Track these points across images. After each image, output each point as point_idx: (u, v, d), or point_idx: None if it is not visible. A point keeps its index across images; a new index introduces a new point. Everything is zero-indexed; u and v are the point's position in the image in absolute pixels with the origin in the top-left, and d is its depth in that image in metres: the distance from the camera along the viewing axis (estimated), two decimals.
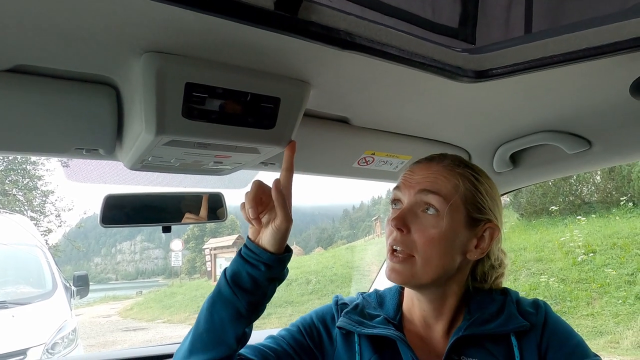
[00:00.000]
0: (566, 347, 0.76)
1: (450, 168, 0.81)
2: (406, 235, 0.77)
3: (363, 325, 0.82)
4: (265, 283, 0.74)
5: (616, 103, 0.89)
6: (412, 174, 0.83)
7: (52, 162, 17.09)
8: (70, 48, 0.61)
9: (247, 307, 0.72)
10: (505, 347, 0.77)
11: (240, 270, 0.74)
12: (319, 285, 13.33)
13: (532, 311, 0.81)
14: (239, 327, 0.73)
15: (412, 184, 0.81)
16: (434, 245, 0.76)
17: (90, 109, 0.77)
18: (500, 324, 0.78)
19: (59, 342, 4.24)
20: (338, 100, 0.87)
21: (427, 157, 0.86)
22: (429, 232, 0.76)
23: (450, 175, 0.80)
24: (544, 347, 0.77)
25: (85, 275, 5.47)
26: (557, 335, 0.78)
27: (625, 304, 7.27)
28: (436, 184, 0.79)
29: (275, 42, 0.61)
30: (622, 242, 8.83)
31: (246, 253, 0.75)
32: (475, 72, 0.64)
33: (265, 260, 0.73)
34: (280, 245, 0.75)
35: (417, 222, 0.77)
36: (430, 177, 0.80)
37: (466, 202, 0.79)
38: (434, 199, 0.77)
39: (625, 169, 10.68)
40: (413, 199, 0.79)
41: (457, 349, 0.77)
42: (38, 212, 16.74)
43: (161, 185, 1.33)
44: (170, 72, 0.63)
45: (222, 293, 0.73)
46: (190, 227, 50.03)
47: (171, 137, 0.70)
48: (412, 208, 0.79)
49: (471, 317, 0.80)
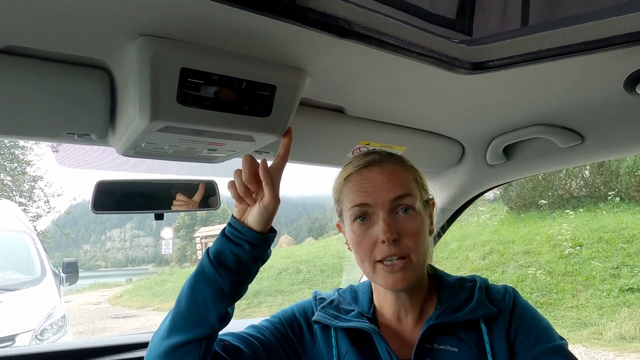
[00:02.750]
0: (534, 332, 0.78)
1: (402, 164, 0.84)
2: (398, 242, 0.77)
3: (338, 319, 0.84)
4: (249, 262, 0.74)
5: (610, 98, 0.90)
6: (370, 182, 0.80)
7: (41, 146, 16.85)
8: (63, 30, 0.59)
9: (230, 285, 0.73)
10: (475, 333, 0.79)
11: (224, 249, 0.74)
12: (309, 275, 13.39)
13: (500, 298, 0.83)
14: (221, 306, 0.73)
15: (379, 194, 0.78)
16: (420, 240, 0.79)
17: (83, 92, 0.75)
18: (470, 311, 0.79)
19: (48, 329, 4.22)
20: (334, 90, 0.87)
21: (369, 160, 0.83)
22: (415, 231, 0.78)
23: (406, 171, 0.83)
24: (512, 332, 0.79)
25: (74, 262, 5.43)
26: (524, 320, 0.80)
27: (609, 296, 7.42)
28: (404, 185, 0.80)
29: (273, 28, 0.60)
30: (608, 236, 8.99)
31: (230, 232, 0.75)
32: (471, 63, 0.64)
33: (250, 239, 0.74)
34: (266, 224, 0.76)
35: (402, 227, 0.78)
36: (394, 180, 0.80)
37: (419, 189, 0.83)
38: (409, 199, 0.79)
39: (613, 164, 10.83)
40: (389, 206, 0.78)
41: (429, 338, 0.79)
42: (26, 198, 16.55)
43: (153, 172, 1.32)
44: (166, 57, 0.62)
45: (205, 272, 0.74)
46: (181, 215, 49.79)
47: (165, 123, 0.69)
48: (391, 214, 0.79)
49: (442, 306, 0.81)
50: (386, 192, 0.79)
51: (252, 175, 0.76)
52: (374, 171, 0.81)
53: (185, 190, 1.25)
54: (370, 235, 0.79)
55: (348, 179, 0.83)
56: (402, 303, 0.84)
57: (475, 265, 9.91)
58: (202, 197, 1.26)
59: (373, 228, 0.79)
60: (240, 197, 0.76)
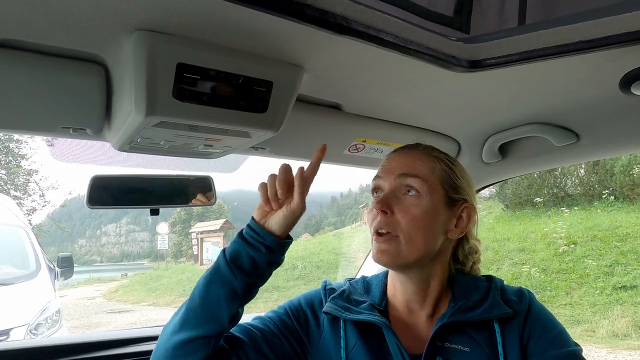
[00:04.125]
0: (547, 336, 0.78)
1: (426, 152, 0.85)
2: (390, 217, 0.79)
3: (349, 310, 0.83)
4: (264, 265, 0.75)
5: (606, 97, 0.90)
6: (389, 162, 0.85)
7: (36, 140, 16.74)
8: (59, 23, 0.59)
9: (244, 287, 0.73)
10: (488, 333, 0.78)
11: (240, 251, 0.75)
12: (305, 271, 13.42)
13: (515, 299, 0.82)
14: (233, 306, 0.74)
15: (390, 170, 0.83)
16: (417, 224, 0.78)
17: (78, 87, 0.75)
18: (484, 311, 0.79)
19: (43, 323, 4.21)
20: (331, 86, 0.87)
21: (399, 147, 0.89)
22: (411, 212, 0.79)
23: (426, 158, 0.84)
24: (526, 334, 0.78)
25: (69, 257, 5.41)
26: (539, 323, 0.79)
27: (602, 294, 7.49)
28: (414, 167, 0.82)
29: (270, 24, 0.60)
30: (603, 234, 9.05)
31: (248, 234, 0.76)
32: (469, 61, 0.64)
33: (268, 242, 0.75)
34: (287, 229, 0.77)
35: (400, 204, 0.80)
36: (408, 161, 0.83)
37: (443, 183, 0.82)
38: (413, 180, 0.80)
39: (608, 163, 10.89)
40: (393, 183, 0.81)
41: (441, 336, 0.78)
42: (21, 191, 16.45)
43: (149, 167, 1.32)
44: (162, 51, 0.62)
45: (220, 272, 0.74)
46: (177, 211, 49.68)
47: (161, 118, 0.69)
48: (394, 191, 0.81)
49: (456, 304, 0.81)
50: (395, 169, 0.82)
51: (286, 181, 0.76)
52: (398, 155, 0.86)
53: (181, 185, 1.25)
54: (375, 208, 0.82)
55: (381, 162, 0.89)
56: (410, 293, 0.84)
57: None
58: (198, 192, 1.26)
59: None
60: (268, 200, 0.77)
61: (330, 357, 0.82)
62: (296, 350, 0.84)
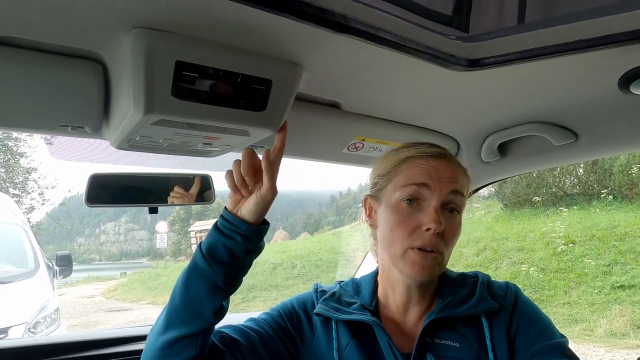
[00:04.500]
0: (534, 329, 0.79)
1: (461, 168, 0.83)
2: (440, 237, 0.77)
3: (340, 311, 0.84)
4: (242, 255, 0.75)
5: (604, 96, 0.91)
6: (435, 170, 0.79)
7: (35, 138, 16.71)
8: (57, 21, 0.59)
9: (224, 279, 0.73)
10: (476, 328, 0.79)
11: (216, 242, 0.74)
12: (304, 270, 13.42)
13: (502, 294, 0.83)
14: (216, 300, 0.73)
15: (443, 181, 0.78)
16: (454, 242, 0.80)
17: (77, 84, 0.75)
18: (472, 306, 0.80)
19: (41, 322, 4.21)
20: (330, 85, 0.87)
21: (438, 151, 0.83)
22: (454, 232, 0.79)
23: (464, 175, 0.83)
24: (513, 328, 0.79)
25: (68, 255, 5.41)
26: (525, 317, 0.80)
27: (600, 293, 7.50)
28: (462, 186, 0.80)
29: (269, 22, 0.60)
30: (601, 233, 9.06)
31: (222, 224, 0.76)
32: (468, 60, 0.64)
33: (242, 231, 0.74)
34: (260, 216, 0.76)
35: (447, 224, 0.77)
36: (456, 177, 0.80)
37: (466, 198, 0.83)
38: (461, 199, 0.80)
39: (607, 162, 10.90)
40: (445, 199, 0.78)
41: (430, 332, 0.79)
42: (20, 189, 16.43)
43: (148, 166, 1.32)
44: (160, 49, 0.62)
45: (198, 266, 0.74)
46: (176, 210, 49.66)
47: (160, 117, 0.69)
48: (441, 208, 0.78)
49: (444, 301, 0.82)
50: (447, 184, 0.78)
51: (251, 167, 0.76)
52: (441, 163, 0.80)
53: (180, 184, 1.25)
54: (415, 220, 0.77)
55: (410, 159, 0.81)
56: (413, 296, 0.84)
57: (469, 261, 9.97)
58: (197, 191, 1.26)
59: (420, 214, 0.77)
60: (237, 187, 0.76)
61: (324, 358, 0.82)
62: (290, 351, 0.85)
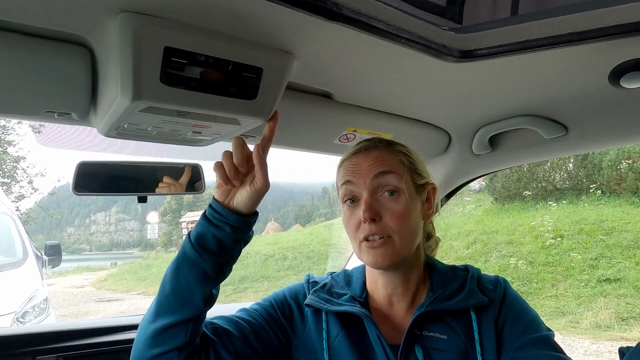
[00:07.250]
0: (521, 322, 0.80)
1: (388, 148, 0.85)
2: (379, 223, 0.79)
3: (330, 302, 0.85)
4: (230, 244, 0.75)
5: (595, 90, 0.91)
6: (357, 165, 0.83)
7: (23, 127, 16.44)
8: (42, 3, 0.57)
9: (213, 268, 0.74)
10: (465, 321, 0.80)
11: (205, 232, 0.75)
12: (295, 262, 13.47)
13: (491, 287, 0.85)
14: (205, 288, 0.74)
15: (363, 172, 0.82)
16: (405, 221, 0.80)
17: (63, 70, 0.73)
18: (461, 300, 0.81)
19: (30, 311, 4.19)
20: (321, 74, 0.86)
21: (357, 148, 0.86)
22: (397, 212, 0.79)
23: (392, 154, 0.84)
24: (501, 321, 0.81)
25: (57, 245, 5.37)
26: (513, 310, 0.82)
27: (587, 286, 7.63)
28: (387, 164, 0.82)
29: (260, 9, 0.59)
30: (589, 228, 9.21)
31: (211, 214, 0.76)
32: (460, 51, 0.63)
33: (231, 222, 0.75)
34: (252, 207, 0.77)
35: (385, 207, 0.80)
36: (378, 161, 0.82)
37: (410, 172, 0.84)
38: (392, 177, 0.81)
39: (596, 157, 11.04)
40: (370, 185, 0.81)
41: (419, 324, 0.80)
42: (9, 178, 16.21)
43: (138, 154, 1.30)
44: (148, 34, 0.61)
45: (187, 255, 0.74)
46: (167, 200, 49.37)
47: (148, 104, 0.68)
48: (374, 195, 0.81)
49: (434, 294, 0.82)
50: (368, 171, 0.81)
51: (243, 157, 0.76)
52: (360, 157, 0.84)
53: (170, 173, 1.23)
54: (356, 216, 0.81)
55: (343, 163, 0.87)
56: (393, 287, 0.85)
57: (459, 254, 10.07)
58: (187, 180, 1.25)
59: (359, 209, 0.80)
60: (228, 179, 0.76)
61: (314, 348, 0.83)
62: (281, 341, 0.85)
